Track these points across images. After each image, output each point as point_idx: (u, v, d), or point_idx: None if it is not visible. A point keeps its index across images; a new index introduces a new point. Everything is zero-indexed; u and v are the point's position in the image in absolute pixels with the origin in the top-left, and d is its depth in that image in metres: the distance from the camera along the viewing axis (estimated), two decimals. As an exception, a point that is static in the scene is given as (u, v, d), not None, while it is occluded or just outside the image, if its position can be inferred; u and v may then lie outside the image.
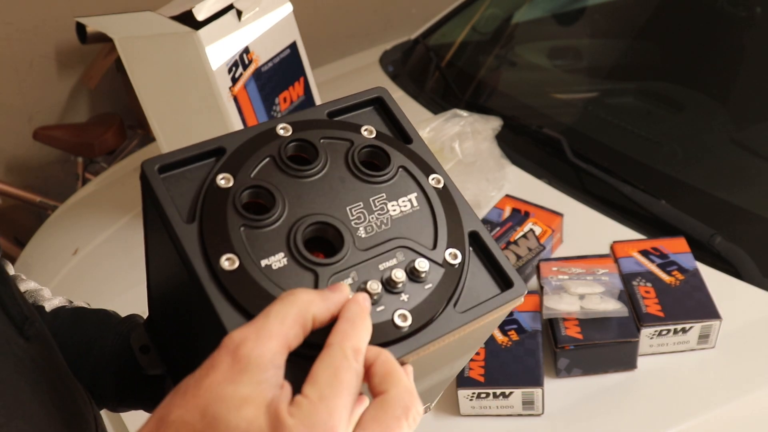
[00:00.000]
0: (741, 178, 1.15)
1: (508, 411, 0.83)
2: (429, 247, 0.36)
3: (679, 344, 0.88)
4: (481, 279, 0.37)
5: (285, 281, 0.33)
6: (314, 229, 0.35)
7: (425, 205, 0.37)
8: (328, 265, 0.34)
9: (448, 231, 0.37)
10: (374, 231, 0.36)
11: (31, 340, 0.43)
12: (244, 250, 0.33)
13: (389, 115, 0.41)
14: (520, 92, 1.43)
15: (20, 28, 2.10)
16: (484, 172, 1.15)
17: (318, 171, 0.36)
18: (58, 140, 2.11)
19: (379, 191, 0.37)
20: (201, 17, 1.07)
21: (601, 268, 0.93)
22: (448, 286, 0.36)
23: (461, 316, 0.35)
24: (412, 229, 0.36)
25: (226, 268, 0.32)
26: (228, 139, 0.36)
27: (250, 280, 0.32)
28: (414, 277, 0.35)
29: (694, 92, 1.31)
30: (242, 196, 0.34)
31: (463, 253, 0.37)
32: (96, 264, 1.19)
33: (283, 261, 0.33)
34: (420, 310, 0.35)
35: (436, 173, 0.39)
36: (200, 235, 0.33)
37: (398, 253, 0.35)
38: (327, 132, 0.38)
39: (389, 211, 0.36)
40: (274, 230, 0.34)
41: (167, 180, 0.35)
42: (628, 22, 1.51)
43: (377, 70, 1.55)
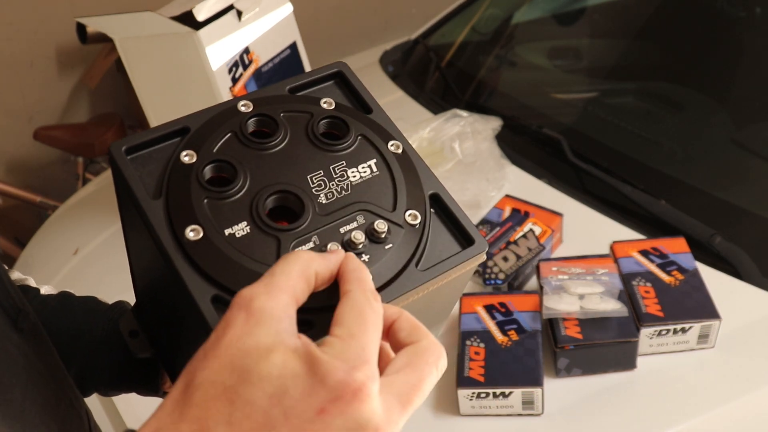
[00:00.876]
0: (740, 178, 1.15)
1: (507, 411, 0.83)
2: (389, 210, 0.37)
3: (679, 344, 0.88)
4: (443, 239, 0.38)
5: (248, 248, 0.34)
6: (276, 198, 0.36)
7: (385, 170, 0.38)
8: (290, 230, 0.35)
9: (407, 193, 0.38)
10: (335, 197, 0.37)
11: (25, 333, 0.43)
12: (208, 220, 0.34)
13: (350, 88, 0.42)
14: (520, 92, 1.43)
15: (21, 29, 2.10)
16: (484, 172, 1.15)
17: (279, 143, 0.37)
18: (58, 140, 2.11)
19: (339, 159, 0.38)
20: (201, 17, 1.07)
21: (601, 268, 0.93)
22: (408, 245, 0.37)
23: (423, 273, 0.36)
24: (372, 194, 0.37)
25: (192, 239, 0.34)
26: (191, 119, 0.38)
27: (215, 249, 0.34)
28: (374, 238, 0.36)
29: (693, 92, 1.31)
30: (205, 171, 0.36)
31: (423, 214, 0.38)
32: (96, 264, 1.19)
33: (246, 229, 0.34)
34: (381, 270, 0.35)
35: (395, 140, 0.40)
36: (166, 210, 0.35)
37: (358, 216, 0.36)
38: (287, 106, 0.39)
39: (349, 177, 0.37)
40: (236, 201, 0.35)
41: (135, 160, 0.36)
42: (628, 22, 1.51)
43: (377, 70, 1.55)
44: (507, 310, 0.91)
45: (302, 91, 0.41)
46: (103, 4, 1.92)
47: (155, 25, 1.08)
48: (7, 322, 0.42)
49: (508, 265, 0.99)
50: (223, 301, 0.34)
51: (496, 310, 0.91)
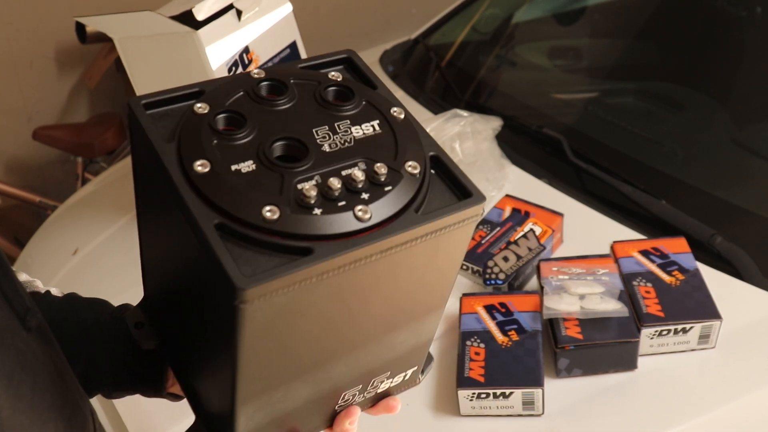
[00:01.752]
0: (741, 178, 1.15)
1: (508, 411, 0.83)
2: (390, 159, 0.39)
3: (680, 344, 0.88)
4: (443, 195, 0.40)
5: (253, 181, 0.36)
6: (281, 145, 0.38)
7: (388, 129, 0.40)
8: (294, 168, 0.37)
9: (408, 149, 0.39)
10: (338, 147, 0.38)
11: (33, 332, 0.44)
12: (216, 157, 0.36)
13: (358, 73, 0.45)
14: (520, 92, 1.43)
15: (20, 28, 2.10)
16: (484, 172, 1.15)
17: (287, 102, 0.40)
18: (57, 140, 2.11)
19: (343, 118, 0.40)
20: (201, 17, 1.07)
21: (602, 268, 0.93)
22: (407, 191, 0.38)
23: (422, 217, 0.38)
24: (374, 147, 0.39)
25: (199, 172, 0.36)
26: (207, 84, 0.40)
27: (222, 180, 0.35)
28: (374, 180, 0.37)
29: (694, 92, 1.31)
30: (217, 119, 0.38)
31: (423, 166, 0.39)
32: (96, 264, 1.19)
33: (252, 166, 0.36)
34: (380, 208, 0.37)
35: (398, 107, 0.42)
36: (178, 150, 0.37)
37: (360, 163, 0.38)
38: (297, 75, 0.42)
39: (353, 132, 0.39)
40: (244, 144, 0.37)
41: (152, 116, 0.39)
42: (629, 22, 1.51)
43: (377, 69, 1.55)
44: (507, 311, 0.91)
45: None
46: (103, 3, 1.92)
47: (155, 24, 1.08)
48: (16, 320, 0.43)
49: (508, 265, 0.99)
50: (227, 229, 0.35)
51: (496, 310, 0.91)
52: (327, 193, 0.36)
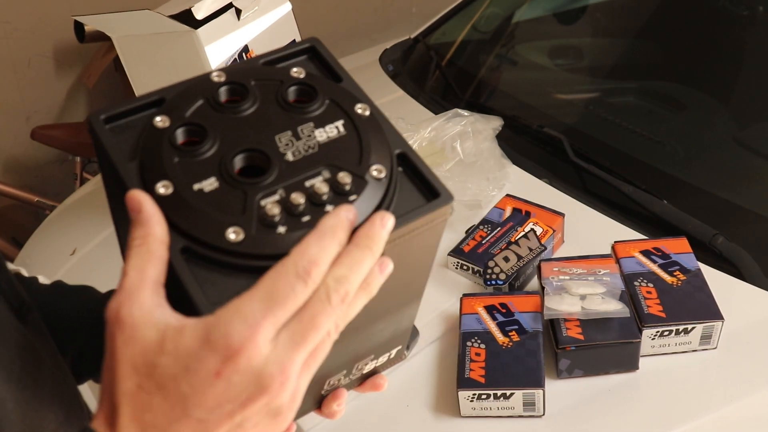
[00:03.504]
0: (743, 177, 1.14)
1: (508, 412, 0.83)
2: (354, 165, 0.38)
3: (681, 345, 0.88)
4: (411, 195, 0.39)
5: (216, 201, 0.36)
6: (243, 157, 0.37)
7: (352, 130, 0.39)
8: (256, 184, 0.36)
9: (373, 151, 0.39)
10: (301, 155, 0.38)
11: (28, 324, 0.44)
12: (178, 177, 0.36)
13: (322, 62, 0.43)
14: (521, 92, 1.42)
15: (18, 27, 2.09)
16: (484, 172, 1.14)
17: (248, 108, 0.39)
18: (56, 140, 2.10)
19: (306, 121, 0.39)
20: (200, 16, 1.07)
21: (603, 268, 0.93)
22: (373, 198, 0.37)
23: None
24: (339, 152, 0.38)
25: (162, 194, 0.36)
26: (167, 91, 0.40)
27: (184, 203, 0.35)
28: (338, 191, 0.37)
29: (695, 91, 1.31)
30: (177, 133, 0.37)
31: (389, 169, 0.38)
32: (94, 264, 1.18)
33: (215, 184, 0.36)
34: None
35: (362, 102, 0.41)
36: (140, 170, 0.37)
37: (324, 171, 0.37)
38: (258, 75, 0.40)
39: (316, 137, 0.38)
40: (206, 159, 0.37)
41: (113, 129, 0.38)
42: (630, 21, 1.50)
43: (377, 69, 1.54)
44: (508, 311, 0.90)
45: (277, 65, 0.43)
46: (102, 2, 1.91)
47: (154, 23, 1.08)
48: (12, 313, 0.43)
49: (508, 266, 0.99)
50: (192, 252, 0.35)
51: (496, 310, 0.91)
52: (290, 209, 0.36)
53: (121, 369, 0.33)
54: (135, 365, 0.33)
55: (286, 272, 0.33)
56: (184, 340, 0.32)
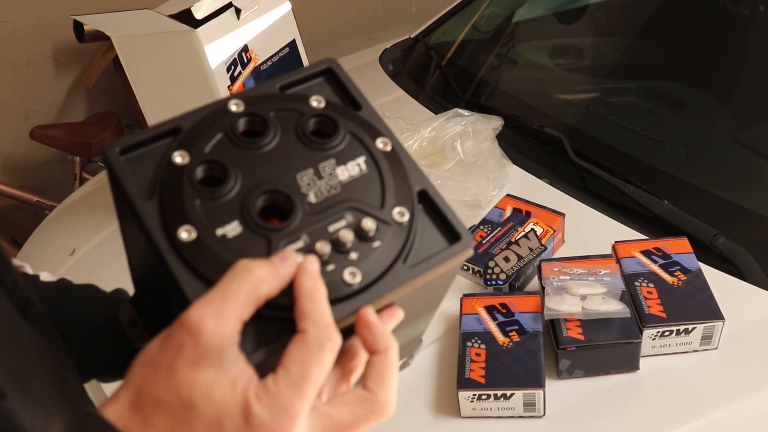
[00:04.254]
0: (744, 177, 1.14)
1: (509, 413, 0.82)
2: (377, 207, 0.38)
3: (682, 345, 0.88)
4: (430, 235, 0.39)
5: (240, 248, 0.35)
6: (266, 198, 0.37)
7: (373, 168, 0.39)
8: (280, 230, 0.36)
9: (395, 191, 0.38)
10: (324, 196, 0.37)
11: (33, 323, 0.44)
12: (201, 221, 0.35)
13: (340, 85, 0.43)
14: (521, 91, 1.42)
15: (17, 27, 2.09)
16: (485, 172, 1.14)
17: (269, 143, 0.38)
18: (55, 139, 2.10)
19: (328, 157, 0.39)
20: (200, 16, 1.06)
21: (603, 268, 0.93)
22: (396, 242, 0.37)
23: (411, 270, 0.37)
24: (361, 192, 0.38)
25: (185, 240, 0.35)
26: (184, 119, 0.39)
27: (208, 250, 0.35)
28: (362, 237, 0.37)
29: (696, 91, 1.30)
30: (197, 171, 0.37)
31: (410, 210, 0.38)
32: (93, 264, 1.18)
33: (238, 229, 0.36)
34: (369, 267, 0.36)
35: (383, 136, 0.40)
36: (160, 210, 0.36)
37: (347, 214, 0.37)
38: (277, 104, 0.40)
39: (338, 176, 0.38)
40: (228, 201, 0.36)
41: (129, 161, 0.37)
42: (630, 21, 1.50)
43: (377, 68, 1.54)
44: (508, 311, 0.90)
45: (293, 88, 0.42)
46: (101, 2, 1.91)
47: (153, 23, 1.07)
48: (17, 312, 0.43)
49: (509, 266, 0.98)
50: None
51: (497, 311, 0.91)
52: None
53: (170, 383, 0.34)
54: (179, 389, 0.34)
55: (309, 349, 0.34)
56: (232, 400, 0.34)
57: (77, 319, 0.54)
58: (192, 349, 0.34)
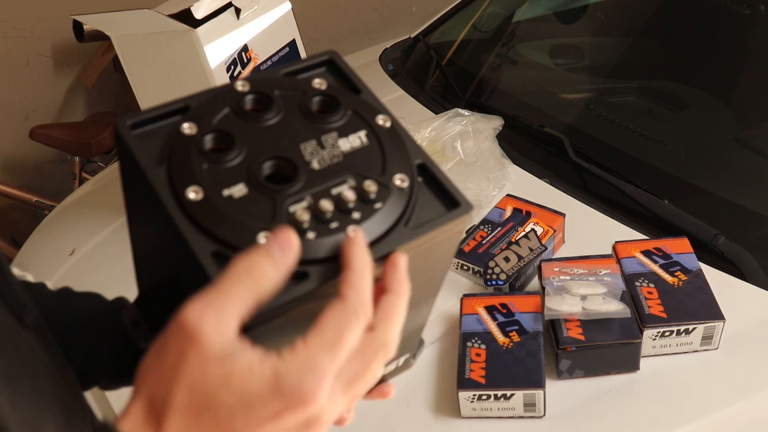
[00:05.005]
0: (744, 177, 1.14)
1: (509, 413, 0.82)
2: (378, 173, 0.39)
3: (682, 345, 0.87)
4: (430, 204, 0.40)
5: (246, 207, 0.36)
6: (271, 164, 0.38)
7: (374, 140, 0.40)
8: (284, 191, 0.37)
9: (396, 161, 0.40)
10: (327, 164, 0.39)
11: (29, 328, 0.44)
12: (208, 182, 0.37)
13: (341, 74, 0.44)
14: (522, 91, 1.42)
15: (17, 26, 2.09)
16: (485, 172, 1.14)
17: (273, 117, 0.40)
18: (54, 139, 2.10)
19: (330, 131, 0.40)
20: (199, 15, 1.06)
21: (604, 268, 0.92)
22: (397, 206, 0.38)
23: (412, 231, 0.38)
24: (362, 160, 0.39)
25: (192, 199, 0.36)
26: (192, 99, 0.40)
27: (215, 208, 0.36)
28: (364, 198, 0.38)
29: (697, 91, 1.30)
30: (205, 140, 0.38)
31: (410, 178, 0.40)
32: (93, 264, 1.18)
33: (244, 190, 0.37)
34: (371, 226, 0.37)
35: (384, 114, 0.42)
36: (168, 175, 0.37)
37: (350, 179, 0.38)
38: (281, 85, 0.41)
39: (340, 147, 0.40)
40: (234, 166, 0.38)
41: (139, 136, 0.39)
42: (631, 20, 1.50)
43: (377, 68, 1.54)
44: (508, 311, 0.90)
45: (296, 75, 0.44)
46: (101, 1, 1.91)
47: (153, 22, 1.07)
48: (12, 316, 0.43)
49: (509, 266, 0.98)
50: (223, 256, 0.36)
51: (497, 311, 0.90)
52: (319, 215, 0.37)
53: (179, 383, 0.34)
54: (193, 385, 0.34)
55: (347, 314, 0.35)
56: (252, 381, 0.34)
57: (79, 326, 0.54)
58: (193, 354, 0.34)
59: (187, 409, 0.34)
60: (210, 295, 0.34)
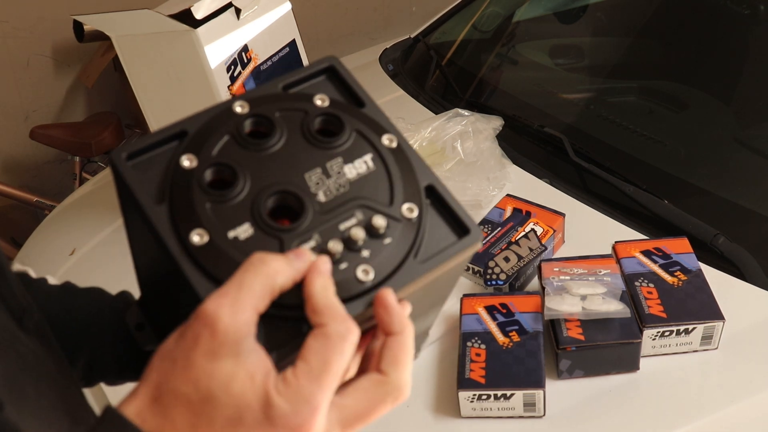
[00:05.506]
0: (744, 177, 1.14)
1: (509, 413, 0.82)
2: (386, 204, 0.38)
3: (682, 345, 0.87)
4: (439, 229, 0.39)
5: (252, 249, 0.36)
6: (276, 198, 0.37)
7: (380, 165, 0.39)
8: (291, 230, 0.36)
9: (403, 187, 0.39)
10: (333, 194, 0.38)
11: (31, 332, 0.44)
12: (212, 224, 0.36)
13: (342, 83, 0.43)
14: (522, 91, 1.42)
15: (17, 26, 2.09)
16: (485, 172, 1.14)
17: (275, 143, 0.38)
18: (55, 139, 2.10)
19: (335, 156, 0.39)
20: (199, 15, 1.06)
21: (603, 268, 0.93)
22: (406, 239, 0.38)
23: (422, 266, 0.38)
24: (370, 189, 0.38)
25: (197, 243, 0.35)
26: (189, 122, 0.39)
27: (221, 252, 0.35)
28: (373, 234, 0.37)
29: (697, 91, 1.30)
30: (205, 174, 0.37)
31: (419, 206, 0.39)
32: (93, 264, 1.18)
33: (249, 231, 0.36)
34: (381, 264, 0.37)
35: (389, 133, 0.41)
36: (170, 215, 0.36)
37: (357, 212, 0.37)
38: (282, 104, 0.40)
39: (346, 174, 0.39)
40: (238, 203, 0.36)
41: (136, 166, 0.38)
42: (631, 20, 1.50)
43: (377, 68, 1.54)
44: (508, 311, 0.90)
45: (296, 87, 0.42)
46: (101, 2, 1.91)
47: (153, 23, 1.07)
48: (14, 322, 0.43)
49: (509, 266, 0.98)
50: None
51: (497, 311, 0.90)
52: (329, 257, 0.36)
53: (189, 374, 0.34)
54: (198, 381, 0.33)
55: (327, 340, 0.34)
56: (248, 394, 0.33)
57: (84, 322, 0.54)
58: (208, 340, 0.33)
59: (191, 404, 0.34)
60: (226, 287, 0.34)
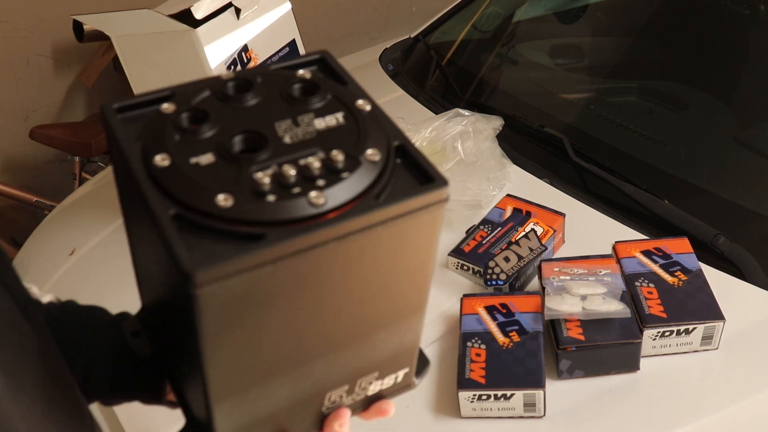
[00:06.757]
0: (745, 177, 1.14)
1: (509, 413, 0.82)
2: (350, 149, 0.38)
3: (682, 345, 0.87)
4: (407, 183, 0.39)
5: (211, 173, 0.36)
6: (241, 138, 0.38)
7: (352, 121, 0.40)
8: (250, 159, 0.37)
9: (370, 138, 0.39)
10: (299, 139, 0.38)
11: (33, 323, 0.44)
12: (176, 150, 0.37)
13: (333, 74, 0.44)
14: (522, 91, 1.42)
15: (17, 26, 2.09)
16: (485, 172, 1.14)
17: (252, 99, 0.40)
18: (54, 139, 2.10)
19: (307, 111, 0.40)
20: (199, 15, 1.06)
21: (604, 268, 0.92)
22: (366, 177, 0.37)
23: (380, 202, 0.37)
24: (336, 138, 0.39)
25: (159, 164, 0.36)
26: (179, 87, 0.41)
27: (180, 173, 0.36)
28: (331, 168, 0.37)
29: (697, 91, 1.30)
30: (181, 117, 0.39)
31: (384, 153, 0.39)
32: (93, 265, 1.18)
33: (210, 159, 0.37)
34: (336, 193, 0.36)
35: (365, 99, 0.41)
36: (142, 147, 0.38)
37: (319, 152, 0.38)
38: (266, 74, 0.42)
39: (315, 125, 0.39)
40: (205, 138, 0.38)
41: (124, 119, 0.40)
42: (631, 20, 1.50)
43: (377, 68, 1.54)
44: (508, 311, 0.90)
45: None
46: (101, 1, 1.91)
47: (153, 22, 1.07)
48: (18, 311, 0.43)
49: (509, 266, 0.98)
50: (184, 219, 0.35)
51: (497, 311, 0.90)
52: (282, 180, 0.36)
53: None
54: None
55: None
56: None
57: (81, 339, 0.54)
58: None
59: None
60: None
